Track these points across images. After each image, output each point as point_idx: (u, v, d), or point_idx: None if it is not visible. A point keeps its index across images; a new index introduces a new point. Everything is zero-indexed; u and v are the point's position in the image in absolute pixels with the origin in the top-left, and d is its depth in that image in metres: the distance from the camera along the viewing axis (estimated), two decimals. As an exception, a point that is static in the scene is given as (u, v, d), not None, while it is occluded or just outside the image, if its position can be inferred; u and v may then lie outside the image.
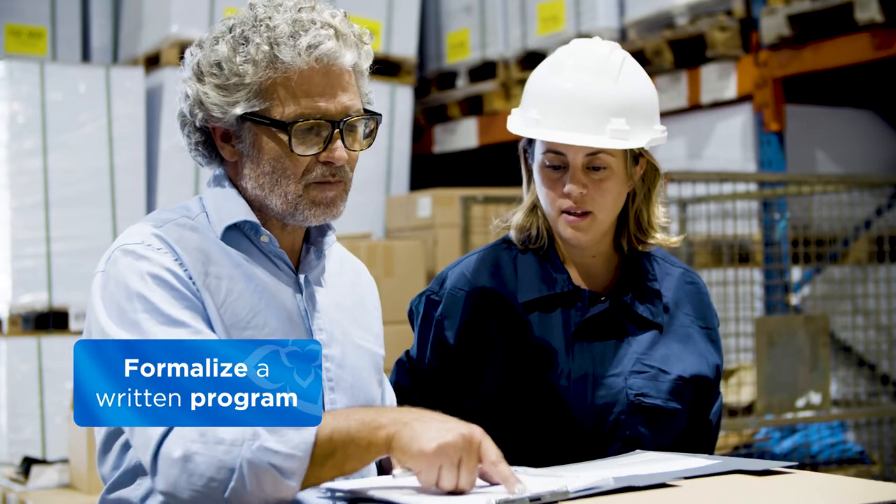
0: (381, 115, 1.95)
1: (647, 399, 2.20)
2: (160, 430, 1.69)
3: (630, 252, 2.30)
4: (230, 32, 1.89)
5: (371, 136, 1.95)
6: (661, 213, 2.30)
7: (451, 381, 2.27)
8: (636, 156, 2.23)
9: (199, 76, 1.89)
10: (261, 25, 1.86)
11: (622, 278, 2.28)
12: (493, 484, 1.69)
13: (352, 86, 1.90)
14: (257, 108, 1.87)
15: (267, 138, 1.88)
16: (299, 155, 1.87)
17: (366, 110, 1.94)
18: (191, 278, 1.84)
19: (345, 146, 1.89)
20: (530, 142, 2.27)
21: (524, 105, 2.24)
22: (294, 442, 1.67)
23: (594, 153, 2.16)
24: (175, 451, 1.68)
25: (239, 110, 1.87)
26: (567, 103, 2.16)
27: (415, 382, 2.31)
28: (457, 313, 2.27)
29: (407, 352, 2.36)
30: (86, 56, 7.33)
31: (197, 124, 1.92)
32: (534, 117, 2.19)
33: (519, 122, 2.22)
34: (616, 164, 2.19)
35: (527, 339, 2.22)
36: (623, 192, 2.23)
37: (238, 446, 1.66)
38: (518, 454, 2.09)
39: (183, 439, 1.68)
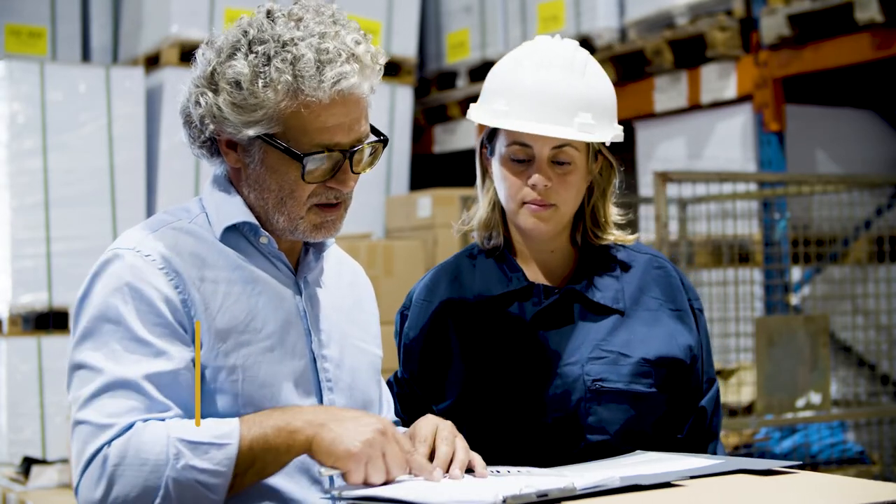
0: (387, 138, 1.96)
1: (607, 384, 2.20)
2: (93, 447, 1.72)
3: (586, 246, 2.32)
4: (249, 48, 1.84)
5: (375, 157, 1.95)
6: (615, 211, 2.33)
7: (421, 389, 2.31)
8: (595, 152, 2.26)
9: (215, 88, 1.86)
10: (285, 51, 1.82)
11: (579, 269, 2.30)
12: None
13: (364, 111, 1.90)
14: (272, 132, 1.85)
15: (277, 160, 1.87)
16: (308, 182, 1.87)
17: (373, 130, 1.94)
18: (177, 287, 1.84)
19: (353, 171, 1.90)
20: (490, 137, 2.28)
21: (486, 98, 2.25)
22: (217, 458, 1.70)
23: (560, 146, 2.19)
24: (99, 472, 1.71)
25: (253, 132, 1.85)
26: (536, 96, 2.18)
27: (398, 398, 2.35)
28: (419, 323, 2.31)
29: (395, 373, 2.40)
30: (86, 56, 7.33)
31: (207, 134, 1.90)
32: (501, 109, 2.20)
33: (484, 114, 2.24)
34: (579, 159, 2.21)
35: (485, 338, 2.25)
36: (583, 186, 2.26)
37: (163, 466, 1.69)
38: (492, 452, 2.11)
39: (108, 461, 1.70)
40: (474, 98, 7.82)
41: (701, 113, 5.91)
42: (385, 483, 1.69)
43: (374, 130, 1.94)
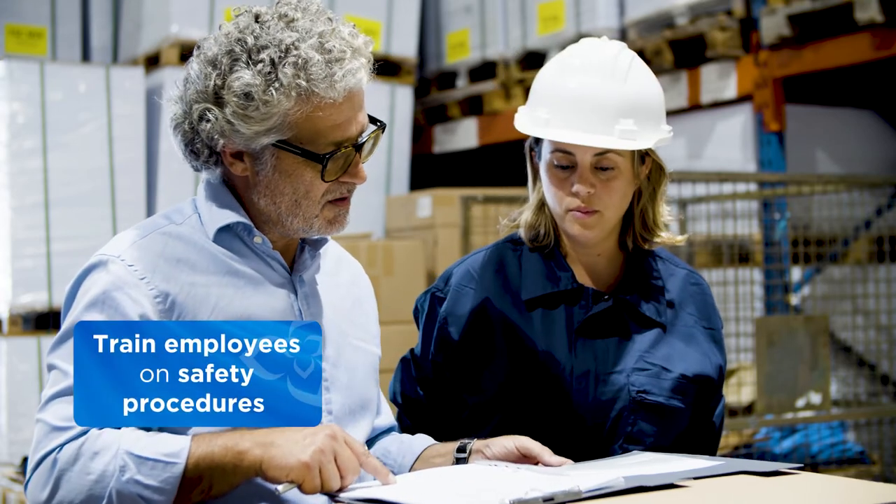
0: (384, 123, 1.95)
1: (650, 396, 2.22)
2: (45, 449, 1.73)
3: (635, 250, 2.31)
4: (250, 56, 1.83)
5: (374, 144, 1.94)
6: (665, 212, 2.32)
7: (454, 377, 2.28)
8: (642, 155, 2.26)
9: (220, 102, 1.84)
10: (290, 56, 1.81)
11: (626, 277, 2.30)
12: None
13: (363, 100, 1.90)
14: (285, 137, 1.85)
15: (292, 164, 1.86)
16: (327, 181, 1.87)
17: (372, 120, 1.93)
18: (156, 297, 1.83)
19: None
20: (537, 140, 2.28)
21: (532, 104, 2.25)
22: (162, 477, 1.70)
23: (602, 153, 2.18)
24: (47, 475, 1.73)
25: (266, 140, 1.84)
26: (576, 104, 2.17)
27: (419, 380, 2.33)
28: (461, 310, 2.28)
29: (412, 350, 2.37)
30: (86, 56, 7.33)
31: (217, 149, 1.88)
32: (542, 117, 2.20)
33: (527, 121, 2.23)
34: (623, 164, 2.21)
35: (530, 336, 2.24)
36: (629, 191, 2.25)
37: (109, 477, 1.70)
38: None
39: (56, 465, 1.72)
40: (474, 98, 7.79)
41: (701, 113, 5.91)
42: (340, 490, 1.70)
43: (370, 118, 1.94)
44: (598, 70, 2.19)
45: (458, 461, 2.02)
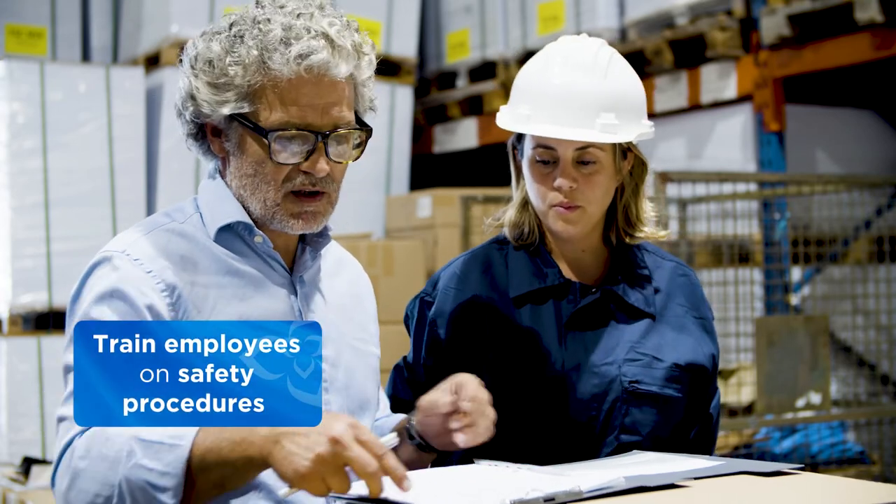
0: (370, 128, 1.94)
1: (642, 386, 2.22)
2: (66, 440, 1.73)
3: (619, 245, 2.32)
4: (230, 30, 1.88)
5: (360, 147, 1.93)
6: (648, 208, 2.33)
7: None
8: (624, 150, 2.27)
9: (194, 70, 1.89)
10: (255, 28, 1.85)
11: (612, 269, 2.31)
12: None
13: (345, 97, 1.89)
14: (244, 111, 1.86)
15: (251, 141, 1.88)
16: (279, 163, 1.87)
17: (358, 120, 1.93)
18: (163, 291, 1.84)
19: (330, 158, 1.88)
20: (519, 138, 2.30)
21: (513, 102, 2.27)
22: (167, 460, 1.68)
23: (584, 147, 2.20)
24: (67, 464, 1.73)
25: (226, 110, 1.86)
26: (557, 99, 2.19)
27: (412, 386, 2.33)
28: (449, 312, 2.29)
29: (404, 357, 2.38)
30: (86, 56, 7.33)
31: (187, 117, 1.91)
32: (524, 113, 2.21)
33: (508, 119, 2.25)
34: (605, 159, 2.22)
35: (519, 332, 2.25)
36: (612, 186, 2.26)
37: (118, 463, 1.69)
38: (517, 447, 2.12)
39: (74, 454, 1.72)
40: (474, 98, 7.80)
41: (701, 113, 5.91)
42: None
43: (359, 121, 1.93)
44: (578, 66, 2.20)
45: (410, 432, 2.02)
